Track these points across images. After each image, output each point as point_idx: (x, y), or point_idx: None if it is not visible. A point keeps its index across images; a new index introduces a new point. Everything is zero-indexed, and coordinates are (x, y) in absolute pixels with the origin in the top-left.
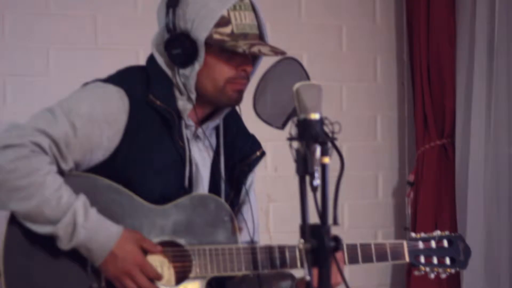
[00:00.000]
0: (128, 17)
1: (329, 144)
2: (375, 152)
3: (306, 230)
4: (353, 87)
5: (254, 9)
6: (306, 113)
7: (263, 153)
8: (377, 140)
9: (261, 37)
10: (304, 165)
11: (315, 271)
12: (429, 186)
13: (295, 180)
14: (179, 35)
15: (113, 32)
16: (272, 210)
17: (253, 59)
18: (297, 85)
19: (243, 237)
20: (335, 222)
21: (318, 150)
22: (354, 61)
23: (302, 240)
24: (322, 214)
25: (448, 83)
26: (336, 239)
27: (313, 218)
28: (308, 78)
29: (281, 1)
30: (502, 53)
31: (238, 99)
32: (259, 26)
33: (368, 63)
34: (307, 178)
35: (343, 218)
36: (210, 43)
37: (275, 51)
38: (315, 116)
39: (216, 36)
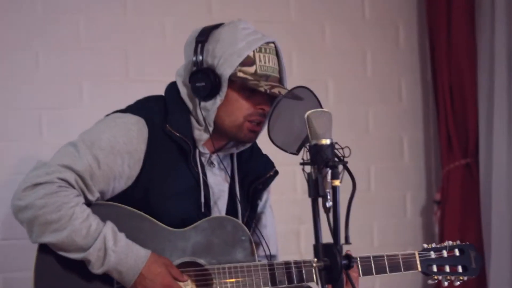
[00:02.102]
0: (158, 49)
1: (341, 167)
2: (402, 173)
3: (319, 249)
4: (378, 110)
5: (277, 54)
6: (317, 139)
7: (276, 173)
8: (404, 161)
9: (280, 81)
10: (315, 188)
11: None
12: (455, 204)
13: None
14: (205, 69)
15: (144, 64)
16: (303, 231)
17: (271, 100)
18: (308, 113)
19: (261, 252)
20: (347, 241)
21: (329, 173)
22: (379, 84)
23: (315, 259)
24: (334, 233)
25: (470, 104)
26: (348, 257)
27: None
28: (320, 105)
29: (306, 28)
30: None
31: (252, 138)
32: (280, 71)
33: (393, 86)
34: (320, 200)
35: (372, 237)
36: (233, 80)
37: (294, 94)
38: (325, 141)
39: (240, 74)
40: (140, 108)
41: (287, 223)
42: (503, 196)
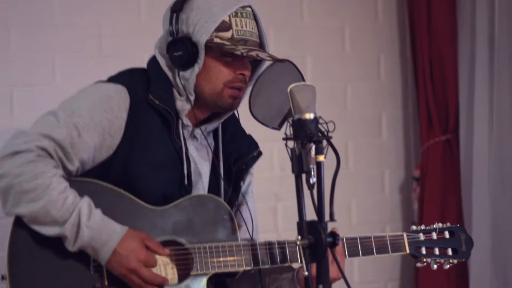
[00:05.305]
0: (132, 25)
1: (325, 143)
2: (380, 150)
3: (303, 226)
4: (357, 87)
5: (256, 19)
6: (300, 113)
7: (259, 153)
8: (382, 138)
9: (261, 46)
10: (299, 164)
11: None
12: (435, 181)
13: None
14: (181, 38)
15: (117, 40)
16: (280, 209)
17: (254, 65)
18: (291, 86)
19: (242, 235)
20: (332, 218)
21: (313, 148)
22: (357, 61)
23: (299, 237)
24: (319, 211)
25: (450, 79)
26: (333, 235)
27: (313, 215)
28: (303, 79)
29: (283, 3)
30: (503, 47)
31: (234, 105)
32: (260, 36)
33: (372, 62)
34: (303, 176)
35: (350, 215)
36: (210, 46)
37: (274, 57)
38: (309, 115)
39: (217, 40)
40: (123, 77)
41: (265, 200)
42: (483, 172)
